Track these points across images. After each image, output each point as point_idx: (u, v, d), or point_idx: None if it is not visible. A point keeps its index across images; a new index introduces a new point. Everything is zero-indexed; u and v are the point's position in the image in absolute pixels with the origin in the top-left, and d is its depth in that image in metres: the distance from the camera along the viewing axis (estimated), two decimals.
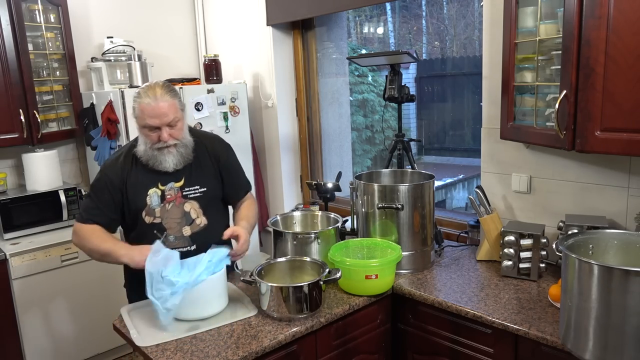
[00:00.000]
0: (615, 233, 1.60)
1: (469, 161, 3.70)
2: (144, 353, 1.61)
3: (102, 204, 1.89)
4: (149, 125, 1.82)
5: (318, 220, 2.36)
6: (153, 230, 1.92)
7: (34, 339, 2.86)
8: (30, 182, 3.10)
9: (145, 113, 1.80)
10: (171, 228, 1.93)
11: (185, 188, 1.94)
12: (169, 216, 1.93)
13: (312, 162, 3.59)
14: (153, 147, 1.86)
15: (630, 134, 1.58)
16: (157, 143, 1.85)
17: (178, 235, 1.94)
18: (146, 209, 1.91)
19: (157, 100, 1.79)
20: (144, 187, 1.91)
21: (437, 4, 4.04)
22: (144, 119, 1.81)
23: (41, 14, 3.06)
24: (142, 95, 1.81)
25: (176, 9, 3.83)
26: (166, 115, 1.81)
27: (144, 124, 1.83)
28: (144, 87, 1.85)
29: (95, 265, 3.04)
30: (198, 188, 1.96)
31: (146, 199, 1.90)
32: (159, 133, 1.83)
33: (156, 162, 1.88)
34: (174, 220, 1.94)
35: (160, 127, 1.82)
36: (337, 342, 1.88)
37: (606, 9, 1.56)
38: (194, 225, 1.96)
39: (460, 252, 2.40)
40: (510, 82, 2.00)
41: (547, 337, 1.60)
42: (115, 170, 1.91)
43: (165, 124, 1.82)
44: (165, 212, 1.92)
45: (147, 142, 1.87)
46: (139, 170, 1.91)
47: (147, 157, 1.88)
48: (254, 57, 3.51)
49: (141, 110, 1.81)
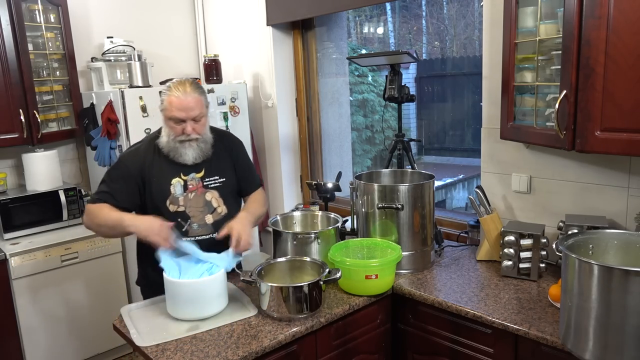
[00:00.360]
0: (615, 233, 1.60)
1: (469, 161, 3.70)
2: (144, 353, 1.61)
3: (114, 191, 1.95)
4: (175, 117, 1.90)
5: (318, 220, 2.36)
6: (177, 218, 1.98)
7: (34, 339, 2.86)
8: (30, 182, 3.10)
9: (174, 105, 1.89)
10: (194, 216, 2.01)
11: (205, 178, 2.03)
12: (192, 205, 2.00)
13: (312, 162, 3.59)
14: (176, 140, 1.94)
15: (630, 134, 1.58)
16: (181, 136, 1.93)
17: (201, 223, 2.02)
18: (170, 197, 1.98)
19: (186, 95, 1.89)
20: (167, 177, 1.98)
21: (437, 4, 4.04)
22: (171, 110, 1.90)
23: (41, 14, 3.06)
24: (173, 88, 1.91)
25: (176, 9, 3.83)
26: (192, 110, 1.90)
27: (170, 116, 1.91)
28: (175, 81, 1.95)
29: (95, 265, 3.04)
30: (217, 178, 2.05)
31: (170, 188, 1.98)
32: (184, 126, 1.91)
33: (177, 154, 1.96)
34: (197, 209, 2.01)
35: (186, 120, 1.90)
36: (337, 342, 1.88)
37: (606, 9, 1.56)
38: (215, 213, 2.04)
39: (460, 252, 2.40)
40: (510, 82, 2.00)
41: (547, 337, 1.60)
42: (135, 160, 1.98)
43: (191, 118, 1.91)
44: (188, 200, 2.00)
45: (171, 134, 1.94)
46: (162, 160, 1.98)
47: (168, 148, 1.96)
48: (254, 57, 3.51)
49: (170, 103, 1.90)
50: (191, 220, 2.00)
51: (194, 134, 1.92)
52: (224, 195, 2.06)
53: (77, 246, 2.97)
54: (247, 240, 1.89)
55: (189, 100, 1.89)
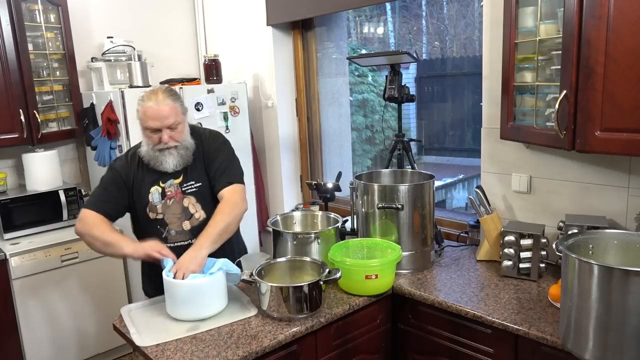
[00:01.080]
0: (615, 233, 1.60)
1: (469, 161, 3.70)
2: (144, 353, 1.61)
3: (109, 196, 2.00)
4: (150, 127, 1.91)
5: (318, 220, 2.36)
6: (156, 225, 2.02)
7: (34, 339, 2.86)
8: (30, 182, 3.10)
9: (147, 115, 1.90)
10: (172, 223, 2.02)
11: (183, 184, 2.03)
12: (170, 212, 2.02)
13: (312, 162, 3.59)
14: (155, 148, 1.95)
15: (630, 134, 1.58)
16: (158, 144, 1.94)
17: (179, 230, 2.03)
18: (149, 205, 2.01)
19: (158, 104, 1.89)
20: (146, 185, 2.01)
21: (437, 4, 4.04)
22: (146, 121, 1.91)
23: (41, 14, 3.06)
24: (145, 98, 1.91)
25: (176, 9, 3.83)
26: (167, 118, 1.90)
27: (146, 126, 1.93)
28: (148, 91, 1.95)
29: (95, 265, 3.04)
30: (194, 183, 2.04)
31: (148, 196, 2.01)
32: (160, 135, 1.92)
33: (157, 162, 1.97)
34: (175, 216, 2.02)
35: (161, 129, 1.91)
36: (337, 342, 1.88)
37: (606, 9, 1.56)
38: (193, 219, 2.03)
39: (460, 252, 2.40)
40: (510, 82, 2.00)
41: (547, 337, 1.60)
42: (122, 167, 2.03)
43: (166, 126, 1.91)
44: (166, 208, 2.01)
45: (149, 144, 1.96)
46: (143, 169, 2.02)
47: (149, 157, 1.98)
48: (254, 57, 3.51)
49: (144, 113, 1.91)
50: (169, 227, 2.01)
51: (171, 142, 1.92)
52: (201, 200, 2.02)
53: (77, 246, 2.97)
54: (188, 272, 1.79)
55: (162, 108, 1.88)
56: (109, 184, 2.01)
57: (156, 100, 1.88)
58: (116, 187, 2.00)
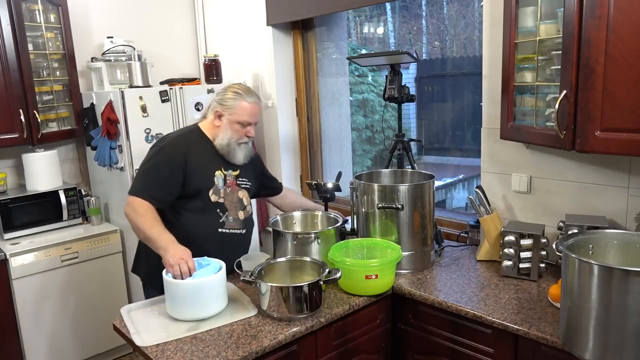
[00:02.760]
0: (615, 233, 1.60)
1: (469, 161, 3.70)
2: (144, 353, 1.61)
3: (160, 180, 2.01)
4: (246, 121, 2.08)
5: (318, 220, 2.36)
6: (216, 209, 2.10)
7: (34, 339, 2.86)
8: (30, 182, 3.10)
9: (246, 111, 2.06)
10: (231, 209, 2.13)
11: (239, 178, 2.18)
12: (229, 199, 2.13)
13: (312, 162, 3.59)
14: (237, 142, 2.10)
15: (630, 134, 1.58)
16: (243, 138, 2.10)
17: (235, 218, 2.15)
18: (214, 187, 2.09)
19: (257, 102, 2.12)
20: (212, 168, 2.10)
21: (437, 4, 4.05)
22: (242, 115, 2.06)
23: (41, 14, 3.06)
24: (245, 94, 2.08)
25: (176, 9, 3.83)
26: (259, 116, 2.14)
27: (241, 120, 2.07)
28: (241, 87, 2.13)
29: (95, 265, 3.05)
30: (247, 181, 2.22)
31: (214, 179, 2.09)
32: (248, 130, 2.10)
33: (233, 153, 2.11)
34: (232, 204, 2.14)
35: (252, 124, 2.10)
36: (337, 342, 1.88)
37: (606, 9, 1.56)
38: (245, 211, 2.19)
39: (460, 252, 2.40)
40: (510, 82, 2.00)
41: (547, 337, 1.60)
42: (180, 145, 2.07)
43: (254, 123, 2.12)
44: (226, 194, 2.13)
45: (233, 137, 2.08)
46: (208, 152, 2.10)
47: (227, 149, 2.10)
48: (254, 57, 3.51)
49: (242, 108, 2.06)
50: (228, 212, 2.11)
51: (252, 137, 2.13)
52: (250, 197, 2.24)
53: (77, 246, 2.97)
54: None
55: (259, 107, 2.12)
56: (161, 169, 2.01)
57: (255, 98, 2.10)
58: (170, 173, 2.00)
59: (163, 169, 2.01)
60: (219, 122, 2.10)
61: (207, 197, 2.07)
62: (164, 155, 2.04)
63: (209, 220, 2.08)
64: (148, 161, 2.05)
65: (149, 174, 2.01)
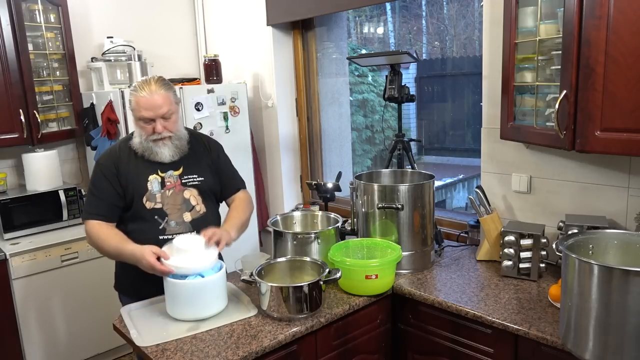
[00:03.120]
0: (615, 233, 1.60)
1: (469, 161, 3.70)
2: (144, 353, 1.61)
3: (102, 194, 1.94)
4: (144, 117, 1.89)
5: (318, 220, 2.36)
6: (154, 215, 1.96)
7: (34, 339, 2.86)
8: (30, 182, 3.10)
9: (141, 105, 1.88)
10: (172, 213, 1.98)
11: (184, 176, 2.01)
12: (170, 202, 1.98)
13: (312, 162, 3.59)
14: (148, 139, 1.93)
15: (630, 134, 1.58)
16: (152, 135, 1.92)
17: (179, 221, 1.99)
18: (147, 194, 1.96)
19: (152, 93, 1.87)
20: (144, 174, 1.97)
21: (437, 4, 4.05)
22: (139, 111, 1.89)
23: (41, 14, 3.06)
24: (138, 88, 1.89)
25: (176, 9, 3.83)
26: (160, 108, 1.88)
27: (139, 116, 1.90)
28: (140, 81, 1.93)
29: (95, 265, 3.04)
30: (196, 177, 2.04)
31: (147, 185, 1.96)
32: (154, 125, 1.90)
33: (152, 153, 1.95)
34: (175, 207, 1.99)
35: (155, 119, 1.89)
36: (337, 342, 1.88)
37: (606, 9, 1.56)
38: (194, 211, 2.02)
39: (460, 252, 2.40)
40: (510, 82, 2.00)
41: (547, 337, 1.60)
42: (111, 160, 1.97)
43: (160, 116, 1.89)
44: (165, 198, 1.98)
45: (143, 135, 1.93)
46: (138, 160, 1.97)
47: (142, 148, 1.95)
48: (254, 57, 3.51)
49: (136, 103, 1.89)
50: (168, 217, 1.97)
51: (165, 132, 1.91)
52: (202, 194, 2.04)
53: (77, 246, 2.97)
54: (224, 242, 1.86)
55: (156, 98, 1.87)
56: (99, 183, 1.94)
57: (149, 90, 1.87)
58: (108, 183, 1.93)
59: (100, 184, 1.94)
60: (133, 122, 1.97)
61: (141, 205, 1.95)
62: (98, 171, 1.97)
63: (148, 229, 1.94)
64: (90, 181, 2.00)
65: (90, 195, 1.97)
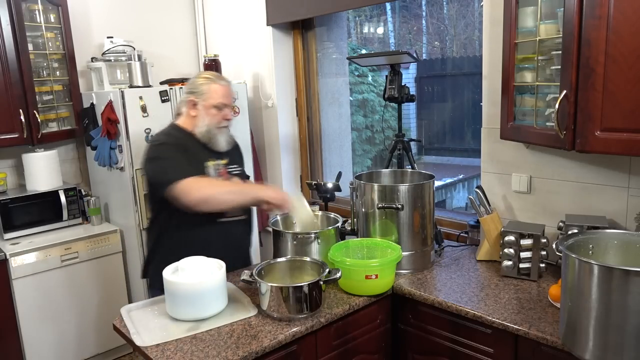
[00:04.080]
0: (615, 233, 1.60)
1: (469, 161, 3.71)
2: (144, 353, 1.61)
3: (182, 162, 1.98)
4: (222, 103, 2.07)
5: (318, 220, 2.36)
6: None
7: (34, 339, 2.86)
8: (30, 182, 3.10)
9: (220, 93, 2.07)
10: None
11: (229, 165, 2.18)
12: None
13: (312, 162, 3.59)
14: (217, 126, 2.08)
15: (630, 134, 1.58)
16: (222, 122, 2.09)
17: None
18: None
19: (227, 83, 2.12)
20: (202, 160, 2.09)
21: (437, 4, 4.05)
22: (217, 98, 2.06)
23: (41, 14, 3.06)
24: (215, 78, 2.10)
25: (176, 9, 3.83)
26: (233, 97, 2.17)
27: (216, 103, 2.06)
28: (209, 72, 2.15)
29: (95, 265, 3.05)
30: (237, 167, 2.24)
31: (205, 171, 2.08)
32: (225, 112, 2.09)
33: (214, 140, 2.10)
34: None
35: (228, 106, 2.10)
36: (337, 342, 1.88)
37: (606, 9, 1.56)
38: None
39: (460, 252, 2.40)
40: (510, 82, 2.00)
41: (547, 337, 1.60)
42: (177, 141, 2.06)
43: (231, 104, 2.12)
44: None
45: (212, 122, 2.07)
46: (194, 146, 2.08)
47: (208, 136, 2.09)
48: (254, 57, 3.51)
49: (215, 91, 2.06)
50: None
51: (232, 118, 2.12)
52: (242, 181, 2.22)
53: (77, 246, 2.97)
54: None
55: (230, 89, 2.12)
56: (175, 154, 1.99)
57: (225, 80, 2.12)
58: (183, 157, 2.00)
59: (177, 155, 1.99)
60: (194, 111, 2.08)
61: None
62: (168, 147, 2.02)
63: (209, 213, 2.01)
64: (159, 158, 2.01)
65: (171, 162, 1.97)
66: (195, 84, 2.09)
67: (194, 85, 2.09)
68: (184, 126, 2.11)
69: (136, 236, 3.03)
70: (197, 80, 2.10)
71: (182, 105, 2.14)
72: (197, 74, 2.17)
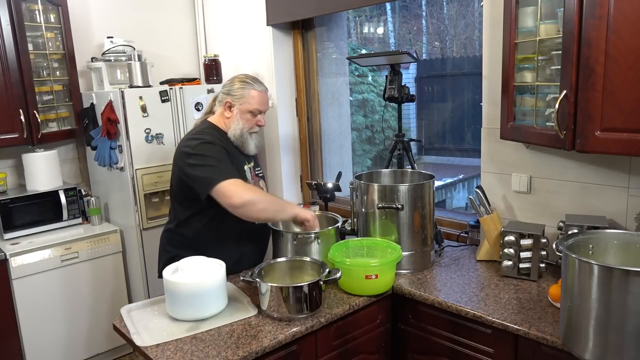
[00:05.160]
0: (615, 233, 1.60)
1: (469, 161, 3.71)
2: (144, 353, 1.61)
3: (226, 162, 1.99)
4: (258, 109, 2.10)
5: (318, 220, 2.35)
6: None
7: (34, 339, 2.86)
8: (30, 182, 3.10)
9: (257, 99, 2.09)
10: None
11: (255, 168, 2.24)
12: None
13: (312, 162, 3.59)
14: (249, 131, 2.11)
15: (630, 134, 1.58)
16: (254, 127, 2.12)
17: None
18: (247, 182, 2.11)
19: (266, 89, 2.14)
20: (240, 162, 2.14)
21: (437, 4, 4.05)
22: (254, 104, 2.08)
23: (41, 14, 3.06)
24: (253, 83, 2.10)
25: (176, 9, 3.83)
26: (268, 104, 2.17)
27: (253, 109, 2.08)
28: (248, 76, 2.13)
29: (95, 265, 3.05)
30: (260, 170, 2.30)
31: (244, 174, 2.13)
32: (259, 118, 2.12)
33: (245, 144, 2.13)
34: None
35: (263, 112, 2.13)
36: (337, 342, 1.88)
37: (606, 9, 1.56)
38: None
39: (460, 252, 2.40)
40: (510, 82, 2.00)
41: (547, 337, 1.60)
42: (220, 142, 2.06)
43: (265, 111, 2.15)
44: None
45: (245, 127, 2.10)
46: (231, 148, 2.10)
47: (241, 140, 2.11)
48: (254, 57, 3.51)
49: (253, 97, 2.08)
50: None
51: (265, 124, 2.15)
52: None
53: (77, 246, 2.97)
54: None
55: (267, 95, 2.14)
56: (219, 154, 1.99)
57: (264, 86, 2.12)
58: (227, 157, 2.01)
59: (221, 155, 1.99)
60: (229, 113, 2.09)
61: None
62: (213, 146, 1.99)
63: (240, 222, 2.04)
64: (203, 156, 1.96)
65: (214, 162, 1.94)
66: (233, 87, 2.09)
67: (231, 87, 2.10)
68: (219, 125, 2.12)
69: (136, 236, 3.03)
70: (235, 82, 2.10)
71: (217, 104, 2.14)
72: (236, 75, 2.15)
